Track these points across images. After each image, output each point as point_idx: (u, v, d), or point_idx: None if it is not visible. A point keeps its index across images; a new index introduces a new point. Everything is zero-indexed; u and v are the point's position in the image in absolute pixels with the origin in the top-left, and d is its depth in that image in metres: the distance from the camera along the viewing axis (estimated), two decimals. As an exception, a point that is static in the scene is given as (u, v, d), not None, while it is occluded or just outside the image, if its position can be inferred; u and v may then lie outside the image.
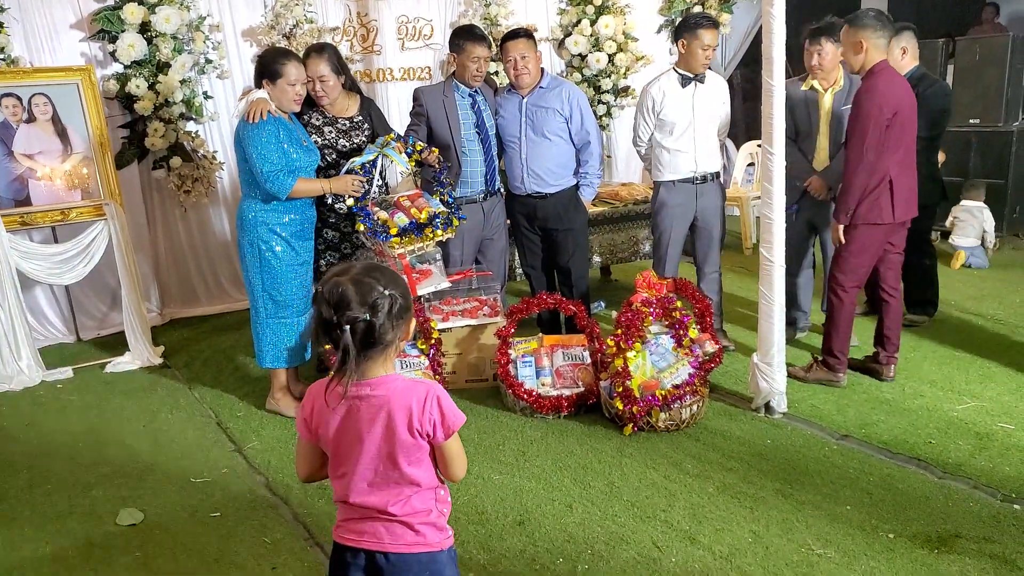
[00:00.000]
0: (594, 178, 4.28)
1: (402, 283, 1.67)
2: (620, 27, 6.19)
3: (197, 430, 3.76)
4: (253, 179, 3.57)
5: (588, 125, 4.19)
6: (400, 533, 1.69)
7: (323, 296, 1.59)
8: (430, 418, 1.64)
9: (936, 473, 3.08)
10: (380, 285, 1.60)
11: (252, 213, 3.63)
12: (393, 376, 1.67)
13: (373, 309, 1.57)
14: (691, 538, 2.73)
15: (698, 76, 4.18)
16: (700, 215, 4.32)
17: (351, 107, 3.98)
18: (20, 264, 4.34)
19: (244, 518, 2.98)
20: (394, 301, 1.61)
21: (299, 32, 5.24)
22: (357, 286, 1.58)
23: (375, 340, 1.59)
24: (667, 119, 4.19)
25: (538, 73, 4.14)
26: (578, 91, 4.24)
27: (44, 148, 4.47)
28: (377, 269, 1.64)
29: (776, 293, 3.48)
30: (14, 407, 4.10)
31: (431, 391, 1.65)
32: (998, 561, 2.54)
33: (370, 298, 1.58)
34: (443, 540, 1.73)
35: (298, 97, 3.63)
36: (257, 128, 3.49)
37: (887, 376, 3.92)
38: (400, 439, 1.64)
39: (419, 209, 3.77)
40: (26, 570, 2.73)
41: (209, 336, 5.08)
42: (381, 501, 1.68)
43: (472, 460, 3.32)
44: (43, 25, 4.76)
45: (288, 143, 3.57)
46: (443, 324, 4.01)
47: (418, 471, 1.68)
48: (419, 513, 1.70)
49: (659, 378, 3.57)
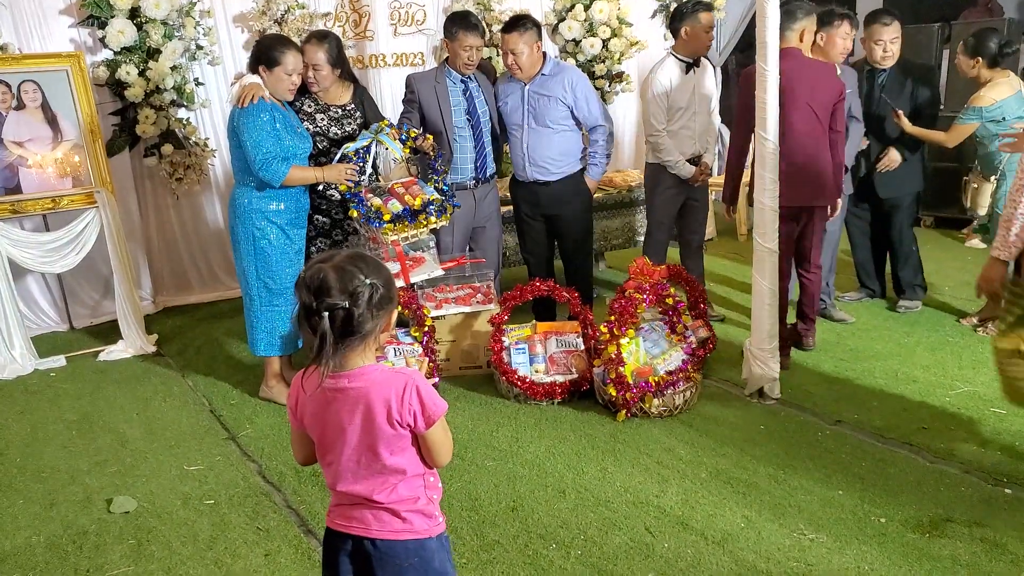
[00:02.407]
0: (601, 157, 4.22)
1: (385, 273, 1.65)
2: (614, 12, 6.15)
3: (190, 418, 3.76)
4: (247, 166, 3.54)
5: (594, 107, 4.16)
6: (387, 520, 1.68)
7: (304, 281, 1.58)
8: (409, 408, 1.62)
9: (928, 458, 3.10)
10: (362, 274, 1.58)
11: (246, 200, 3.60)
12: (372, 367, 1.65)
13: (353, 297, 1.56)
14: (684, 523, 2.74)
15: (696, 61, 4.32)
16: (691, 192, 4.48)
17: (344, 95, 3.96)
18: (11, 252, 4.31)
19: (237, 505, 2.98)
20: (375, 290, 1.59)
21: (290, 18, 5.20)
22: (339, 273, 1.57)
23: (353, 329, 1.58)
24: (673, 104, 4.32)
25: (533, 65, 4.07)
26: (579, 75, 4.19)
27: (34, 135, 4.44)
28: (361, 258, 1.63)
29: (769, 279, 3.48)
30: (7, 396, 4.09)
31: (409, 381, 1.63)
32: (989, 545, 2.55)
33: (350, 286, 1.56)
34: (432, 527, 1.73)
35: (293, 86, 3.61)
36: (252, 115, 3.46)
37: (808, 345, 4.17)
38: (380, 430, 1.63)
39: (413, 196, 3.75)
40: (20, 558, 2.73)
41: (202, 324, 5.07)
42: (366, 489, 1.68)
43: (465, 446, 3.32)
44: (32, 11, 4.71)
45: (283, 129, 3.55)
46: (436, 311, 4.01)
47: (401, 459, 1.67)
48: (406, 501, 1.69)
49: (652, 364, 3.58)
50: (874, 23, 4.34)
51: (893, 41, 4.33)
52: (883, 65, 4.40)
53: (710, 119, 4.46)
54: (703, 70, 4.37)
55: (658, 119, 4.32)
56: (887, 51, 4.35)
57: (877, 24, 4.33)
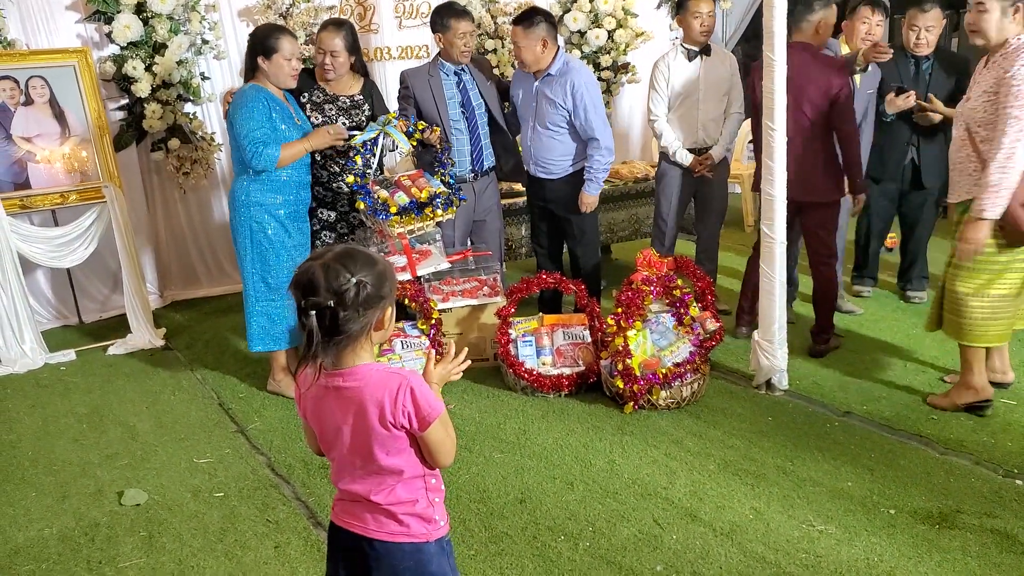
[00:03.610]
0: (598, 173, 4.07)
1: (378, 269, 1.60)
2: (619, 3, 6.13)
3: (199, 411, 3.77)
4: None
5: (591, 118, 3.96)
6: (385, 522, 1.67)
7: (295, 279, 1.56)
8: (403, 410, 1.59)
9: (938, 449, 3.09)
10: (348, 272, 1.55)
11: (244, 193, 3.58)
12: (367, 366, 1.62)
13: (338, 296, 1.53)
14: (692, 515, 2.74)
15: (704, 49, 4.33)
16: (702, 187, 4.48)
17: (354, 86, 3.95)
18: (21, 247, 4.33)
19: (247, 498, 3.00)
20: (361, 288, 1.55)
21: (296, 11, 5.19)
22: (325, 272, 1.54)
23: (340, 328, 1.55)
24: (672, 91, 4.36)
25: (536, 61, 3.99)
26: (583, 81, 3.97)
27: (42, 131, 4.46)
28: (350, 255, 1.58)
29: (777, 270, 3.47)
30: (18, 389, 4.11)
31: (404, 383, 1.60)
32: (999, 536, 2.55)
33: (335, 285, 1.53)
34: (430, 532, 1.70)
35: (294, 72, 3.57)
36: (244, 104, 3.45)
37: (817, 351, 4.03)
38: (375, 431, 1.61)
39: (419, 189, 3.75)
40: (33, 550, 2.75)
41: (210, 318, 5.09)
42: (364, 489, 1.66)
43: (473, 439, 3.33)
44: (39, 7, 4.71)
45: (279, 118, 3.53)
46: (443, 304, 4.01)
47: (398, 460, 1.64)
48: (404, 503, 1.66)
49: (660, 356, 3.57)
50: (912, 7, 4.22)
51: (929, 29, 4.17)
52: (917, 52, 4.24)
53: (720, 109, 4.39)
54: (714, 59, 4.34)
55: (656, 104, 4.41)
56: (920, 38, 4.19)
57: (915, 9, 4.21)
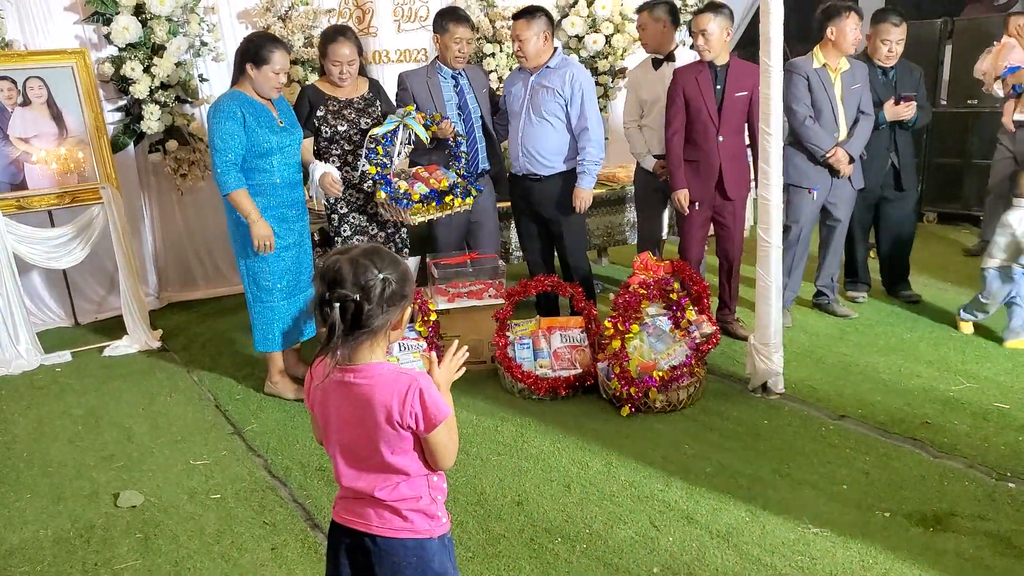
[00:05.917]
0: (591, 165, 4.11)
1: (401, 269, 1.65)
2: (617, 8, 6.14)
3: (196, 413, 3.77)
4: None
5: (587, 111, 4.07)
6: (388, 518, 1.68)
7: (320, 271, 1.60)
8: (411, 411, 1.61)
9: (932, 452, 3.10)
10: (375, 267, 1.59)
11: None
12: (379, 364, 1.65)
13: (364, 291, 1.57)
14: (688, 517, 2.75)
15: (668, 57, 4.45)
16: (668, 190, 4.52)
17: (362, 87, 3.99)
18: (17, 248, 4.33)
19: (243, 500, 3.00)
20: (387, 285, 1.60)
21: (294, 14, 5.20)
22: (353, 266, 1.58)
23: (363, 323, 1.58)
24: (640, 99, 4.53)
25: (538, 55, 4.06)
26: (583, 74, 4.10)
27: (40, 132, 4.45)
28: (377, 252, 1.63)
29: (774, 275, 3.48)
30: (13, 391, 4.10)
31: (413, 384, 1.62)
32: (993, 539, 2.56)
33: (363, 279, 1.57)
34: (433, 528, 1.71)
35: (280, 85, 3.58)
36: (220, 120, 3.44)
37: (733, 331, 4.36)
38: (381, 429, 1.63)
39: (437, 180, 3.89)
40: (28, 551, 2.75)
41: (207, 319, 5.08)
42: (368, 486, 1.67)
43: (471, 441, 3.34)
44: (37, 8, 4.71)
45: (258, 127, 3.51)
46: (448, 304, 4.02)
47: (403, 459, 1.66)
48: (408, 500, 1.68)
49: (656, 359, 3.58)
50: (884, 21, 4.30)
51: (899, 42, 4.32)
52: (885, 64, 4.39)
53: None
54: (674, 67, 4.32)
55: (628, 112, 4.64)
56: (892, 51, 4.34)
57: (887, 23, 4.29)
